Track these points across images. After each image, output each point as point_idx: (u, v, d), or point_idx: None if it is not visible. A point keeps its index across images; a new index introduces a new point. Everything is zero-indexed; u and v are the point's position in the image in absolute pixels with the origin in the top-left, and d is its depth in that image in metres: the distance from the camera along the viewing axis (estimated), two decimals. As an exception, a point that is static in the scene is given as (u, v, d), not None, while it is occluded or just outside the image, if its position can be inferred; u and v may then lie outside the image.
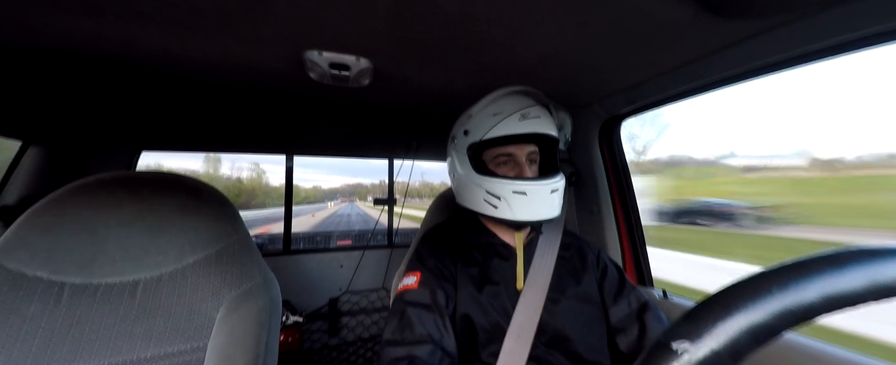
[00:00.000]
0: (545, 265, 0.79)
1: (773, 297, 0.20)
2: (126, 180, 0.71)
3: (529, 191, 0.75)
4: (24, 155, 1.22)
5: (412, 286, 0.74)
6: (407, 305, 0.71)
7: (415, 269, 0.79)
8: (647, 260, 1.27)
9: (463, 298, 0.75)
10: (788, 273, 0.21)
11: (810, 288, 0.20)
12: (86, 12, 0.62)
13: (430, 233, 0.92)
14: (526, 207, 0.75)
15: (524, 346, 0.69)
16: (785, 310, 0.20)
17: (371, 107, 1.23)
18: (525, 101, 0.81)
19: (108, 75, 0.90)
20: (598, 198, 1.31)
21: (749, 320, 0.20)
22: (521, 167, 0.79)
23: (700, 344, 0.20)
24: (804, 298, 0.20)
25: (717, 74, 0.84)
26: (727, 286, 0.22)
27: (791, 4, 0.60)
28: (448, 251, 0.82)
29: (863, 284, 0.20)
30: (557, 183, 0.78)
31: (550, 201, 0.77)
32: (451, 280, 0.78)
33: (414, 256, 0.85)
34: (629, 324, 0.80)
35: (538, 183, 0.76)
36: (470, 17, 0.65)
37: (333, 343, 1.94)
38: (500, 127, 0.77)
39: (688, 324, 0.21)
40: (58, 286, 0.62)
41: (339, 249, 2.07)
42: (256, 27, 0.67)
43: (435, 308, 0.71)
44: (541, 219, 0.76)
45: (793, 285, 0.20)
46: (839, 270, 0.20)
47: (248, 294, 0.71)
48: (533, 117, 0.77)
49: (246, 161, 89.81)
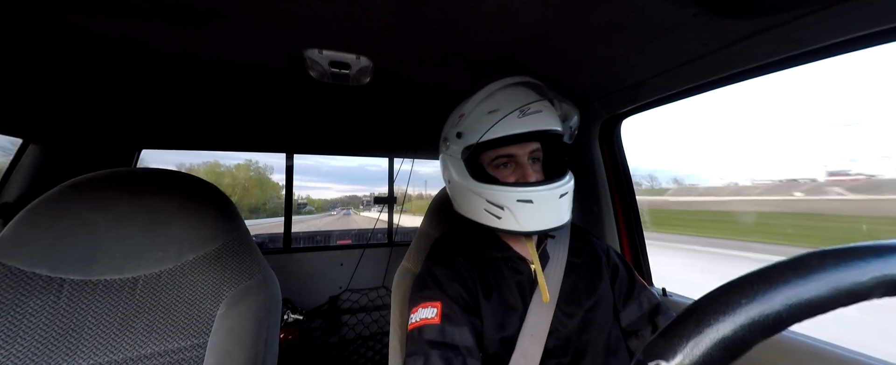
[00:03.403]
0: (556, 273, 0.74)
1: (742, 309, 0.20)
2: (125, 177, 0.71)
3: (536, 198, 0.67)
4: (24, 153, 1.22)
5: (432, 320, 0.63)
6: (431, 348, 0.60)
7: (433, 298, 0.67)
8: (647, 259, 1.27)
9: (489, 333, 0.67)
10: (755, 283, 0.20)
11: (777, 297, 0.19)
12: (86, 10, 0.62)
13: (439, 251, 0.81)
14: (533, 216, 0.67)
15: (533, 360, 0.65)
16: (753, 322, 0.19)
17: (371, 106, 1.23)
18: (523, 94, 0.72)
19: (108, 73, 0.90)
20: (599, 197, 1.31)
21: (720, 335, 0.19)
22: (524, 169, 0.72)
23: (674, 361, 0.20)
24: (772, 307, 0.19)
25: (717, 74, 0.84)
26: (700, 300, 0.22)
27: (791, 4, 0.60)
28: (466, 273, 0.73)
29: (828, 290, 0.19)
30: (567, 186, 0.70)
31: (560, 207, 0.69)
32: (477, 311, 0.69)
33: (428, 279, 0.73)
34: (642, 326, 0.76)
35: (545, 189, 0.67)
36: (470, 17, 0.65)
37: (334, 341, 1.94)
38: (499, 127, 0.68)
39: (663, 341, 0.21)
40: (57, 283, 0.62)
41: (339, 247, 2.07)
42: (257, 25, 0.67)
43: (466, 352, 0.61)
44: (551, 227, 0.68)
45: (760, 296, 0.20)
46: (804, 277, 0.20)
47: (247, 291, 0.71)
48: (533, 112, 0.68)
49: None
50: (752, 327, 0.19)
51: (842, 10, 0.59)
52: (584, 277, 0.76)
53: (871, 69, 60.12)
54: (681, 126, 61.11)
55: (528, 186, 0.68)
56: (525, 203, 0.67)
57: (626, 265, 0.84)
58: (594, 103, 1.18)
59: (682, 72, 0.88)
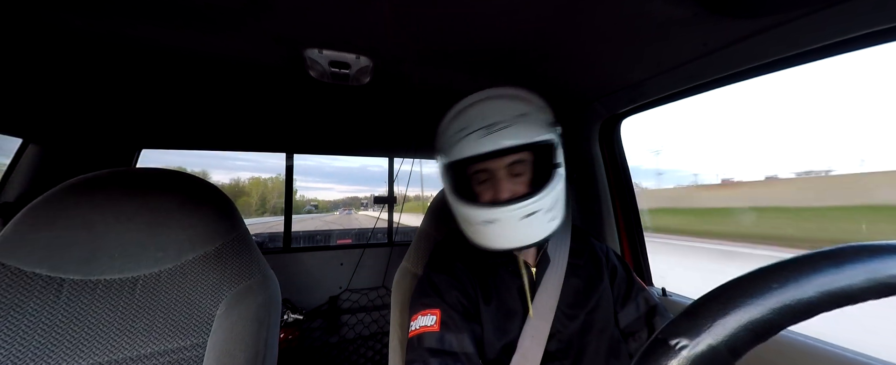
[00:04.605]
0: (556, 275, 0.74)
1: (773, 293, 0.20)
2: (124, 177, 0.71)
3: (500, 218, 0.65)
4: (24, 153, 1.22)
5: (431, 328, 0.64)
6: (430, 356, 0.60)
7: (432, 305, 0.68)
8: (647, 259, 1.27)
9: (489, 338, 0.68)
10: (788, 270, 0.21)
11: (810, 284, 0.20)
12: (86, 10, 0.62)
13: (439, 256, 0.81)
14: (499, 236, 0.66)
15: (534, 362, 0.65)
16: (784, 306, 0.20)
17: (371, 105, 1.23)
18: (492, 110, 0.68)
19: (108, 72, 0.90)
20: (599, 197, 1.31)
21: (748, 316, 0.20)
22: (498, 186, 0.69)
23: (698, 340, 0.20)
24: (804, 294, 0.20)
25: (717, 73, 0.84)
26: (726, 283, 0.22)
27: (791, 4, 0.60)
28: (465, 278, 0.73)
29: (862, 281, 0.20)
30: (536, 203, 0.64)
31: (528, 226, 0.65)
32: (477, 317, 0.69)
33: (427, 286, 0.73)
34: (639, 328, 0.76)
35: (508, 209, 0.64)
36: (469, 17, 0.65)
37: (334, 341, 1.94)
38: (463, 146, 0.66)
39: (686, 320, 0.21)
40: (57, 283, 0.62)
41: (339, 247, 2.07)
42: (256, 25, 0.67)
43: (465, 359, 0.61)
44: (520, 246, 0.66)
45: (792, 282, 0.20)
46: (839, 267, 0.20)
47: (247, 291, 0.71)
48: (500, 129, 0.64)
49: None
50: (783, 311, 0.20)
51: (842, 10, 0.59)
52: (584, 279, 0.76)
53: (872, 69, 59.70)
54: (669, 126, 60.84)
55: (493, 206, 0.66)
56: (489, 223, 0.66)
57: (624, 266, 0.84)
58: (594, 103, 1.18)
59: (682, 71, 0.88)
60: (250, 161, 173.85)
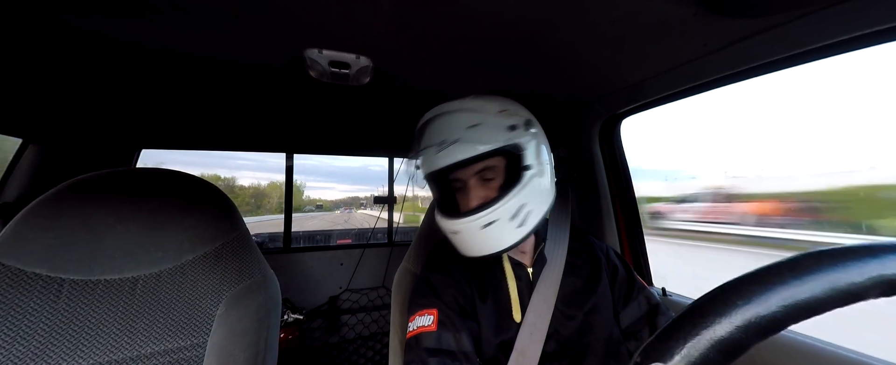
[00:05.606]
0: (553, 275, 0.74)
1: (739, 310, 0.19)
2: (125, 177, 0.71)
3: (461, 230, 0.67)
4: (24, 153, 1.22)
5: (429, 328, 0.65)
6: (428, 356, 0.61)
7: (429, 305, 0.69)
8: (647, 259, 1.27)
9: (486, 335, 0.69)
10: (751, 284, 0.20)
11: (773, 298, 0.19)
12: (86, 9, 0.62)
13: (436, 256, 0.82)
14: (464, 245, 0.69)
15: (532, 359, 0.65)
16: (749, 323, 0.19)
17: (371, 105, 1.23)
18: (444, 126, 0.69)
19: (108, 72, 0.90)
20: (599, 197, 1.31)
21: (717, 336, 0.19)
22: (467, 194, 0.70)
23: (672, 364, 0.19)
24: (768, 308, 0.19)
25: (717, 73, 0.84)
26: (697, 301, 0.21)
27: (791, 4, 0.60)
28: (461, 277, 0.74)
29: (824, 290, 0.19)
30: (495, 213, 0.64)
31: (487, 236, 0.65)
32: (473, 314, 0.71)
33: (424, 286, 0.74)
34: (640, 328, 0.76)
35: (466, 221, 0.66)
36: (470, 17, 0.65)
37: (334, 341, 1.94)
38: (425, 162, 0.70)
39: (660, 343, 0.21)
40: (57, 283, 0.62)
41: (339, 247, 2.07)
42: (256, 25, 0.67)
43: (462, 358, 0.62)
44: (487, 253, 0.66)
45: (756, 297, 0.19)
46: (800, 278, 0.19)
47: (247, 291, 0.71)
48: (449, 144, 0.65)
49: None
50: (748, 329, 0.19)
51: (842, 10, 0.59)
52: (583, 278, 0.77)
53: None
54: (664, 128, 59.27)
55: (454, 217, 0.68)
56: (455, 234, 0.69)
57: (625, 266, 0.84)
58: (594, 103, 1.18)
59: (682, 71, 0.87)
60: (251, 161, 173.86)
